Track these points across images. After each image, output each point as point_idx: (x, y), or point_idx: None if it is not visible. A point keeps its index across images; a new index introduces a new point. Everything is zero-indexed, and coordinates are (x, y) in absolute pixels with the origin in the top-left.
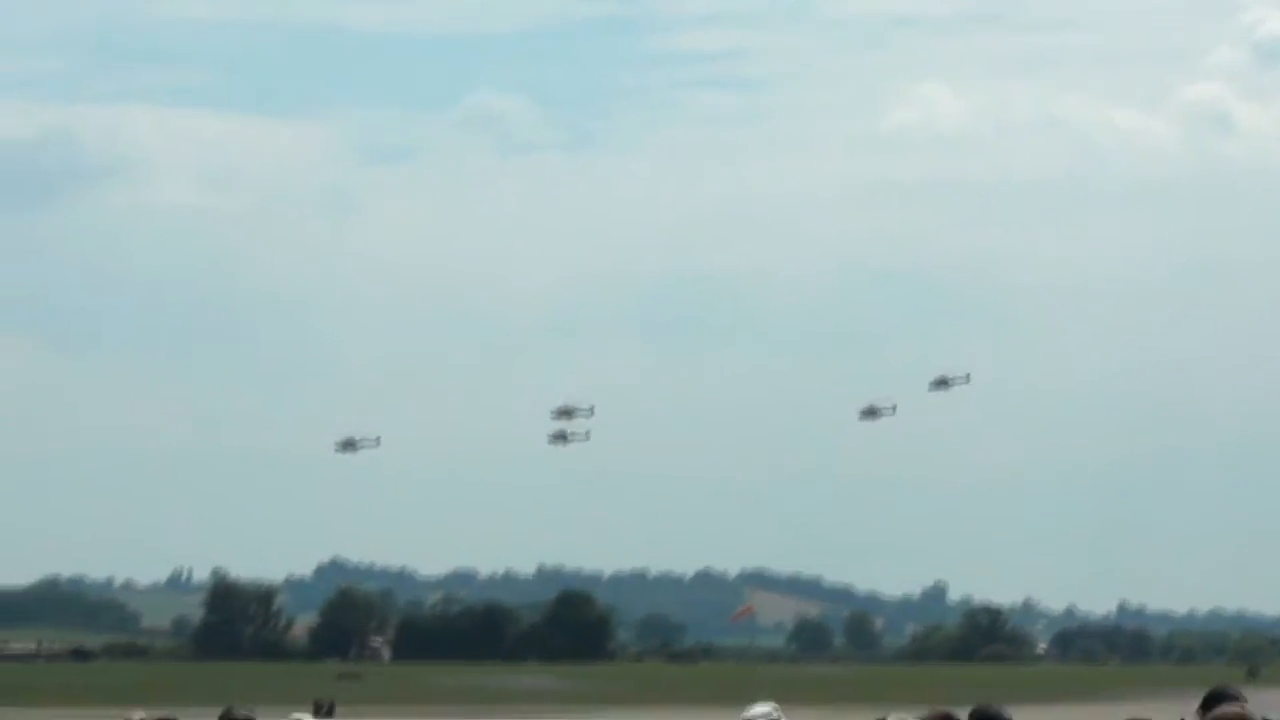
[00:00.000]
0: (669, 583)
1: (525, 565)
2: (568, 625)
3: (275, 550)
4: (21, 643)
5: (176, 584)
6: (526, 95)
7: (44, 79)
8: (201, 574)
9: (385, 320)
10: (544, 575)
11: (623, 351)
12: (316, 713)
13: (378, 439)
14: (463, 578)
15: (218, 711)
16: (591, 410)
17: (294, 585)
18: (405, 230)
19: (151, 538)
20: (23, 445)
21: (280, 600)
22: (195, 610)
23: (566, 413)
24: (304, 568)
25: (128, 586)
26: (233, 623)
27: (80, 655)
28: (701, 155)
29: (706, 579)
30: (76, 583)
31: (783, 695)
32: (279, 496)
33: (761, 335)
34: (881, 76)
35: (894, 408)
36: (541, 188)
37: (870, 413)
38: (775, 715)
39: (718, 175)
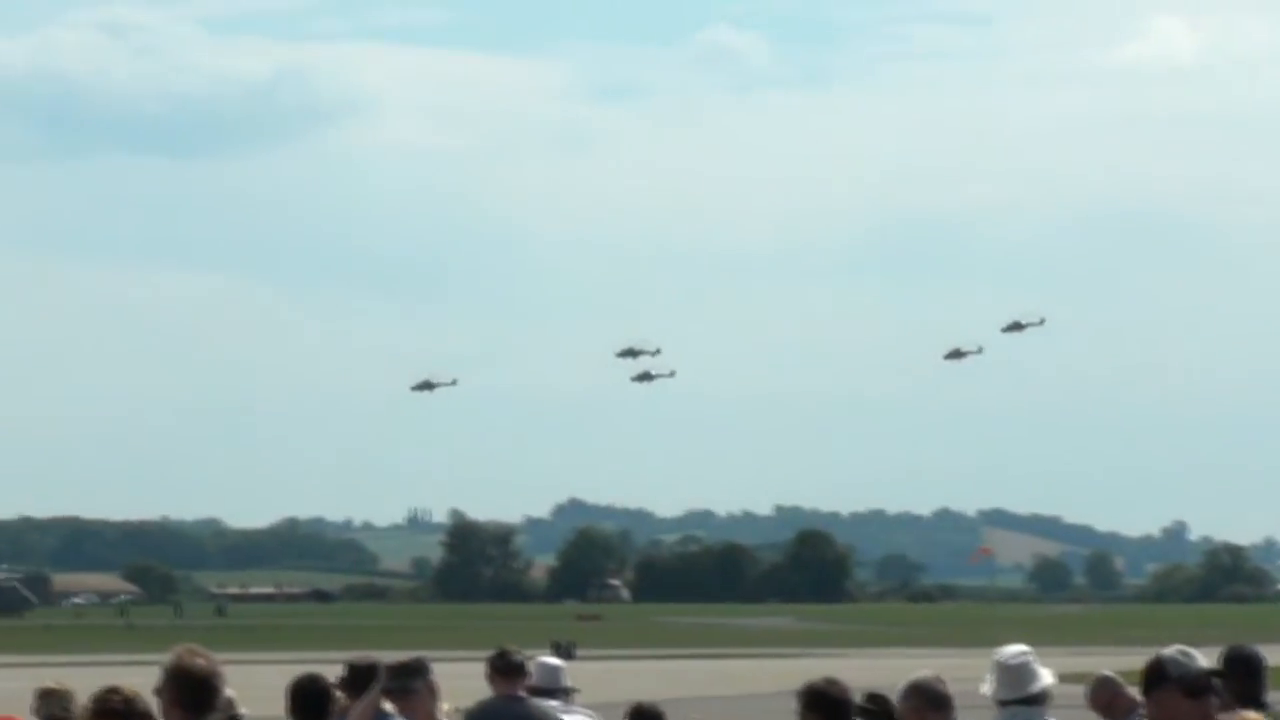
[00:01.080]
0: (908, 521)
1: (762, 505)
2: (806, 565)
3: (513, 491)
4: (261, 585)
5: (415, 524)
6: (760, 31)
7: (277, 18)
8: (440, 515)
9: (617, 259)
10: (782, 515)
11: (854, 289)
12: (555, 653)
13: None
14: (700, 517)
15: (458, 653)
16: (658, 350)
17: (532, 526)
18: (637, 169)
19: (389, 479)
20: (260, 390)
21: (519, 541)
22: (434, 551)
23: (631, 353)
24: (542, 508)
25: (366, 528)
26: (471, 564)
27: (320, 596)
28: (933, 90)
29: (945, 518)
30: (315, 524)
31: (1023, 635)
32: (516, 437)
33: (995, 274)
34: (1115, 9)
35: (980, 349)
36: (775, 125)
37: (955, 354)
38: (1030, 655)
39: (950, 110)
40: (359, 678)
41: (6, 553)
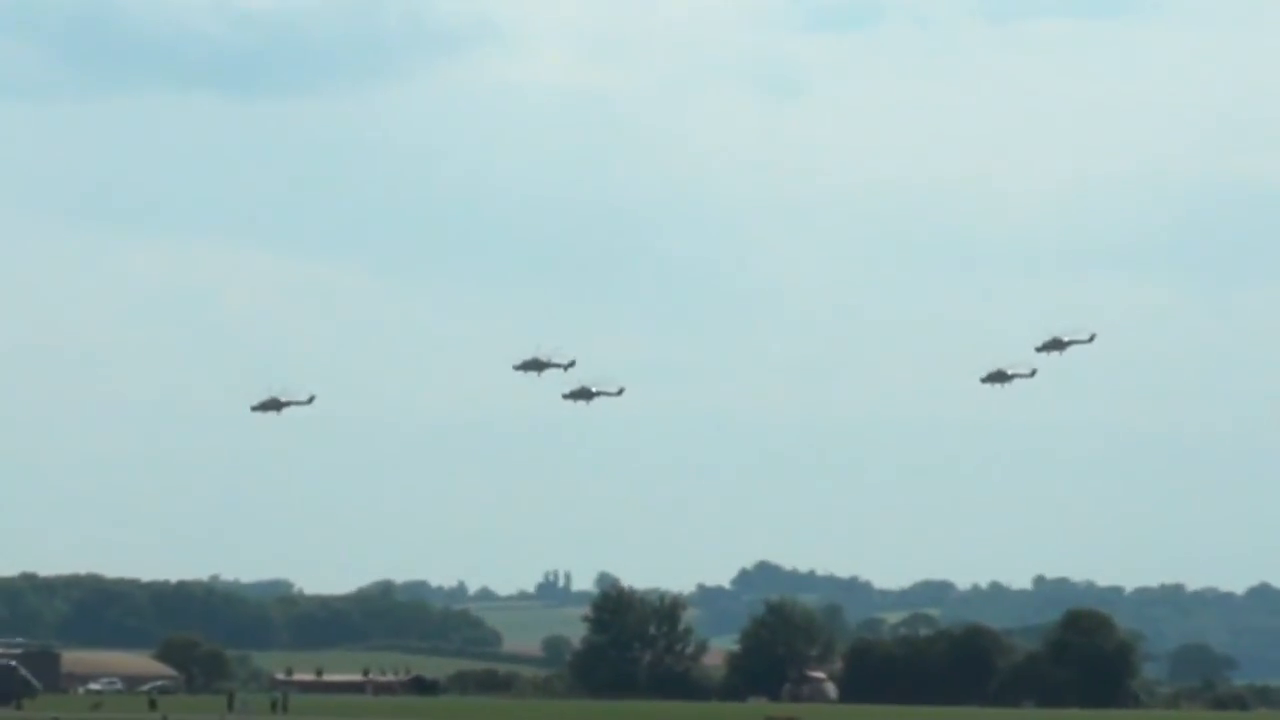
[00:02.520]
0: (1214, 601)
1: (1017, 576)
2: (1075, 656)
3: (682, 552)
4: (342, 670)
5: (550, 593)
6: None
7: None
8: (583, 581)
9: (835, 236)
10: (1043, 589)
11: (1134, 283)
12: None
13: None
14: (933, 590)
15: None
16: (571, 363)
17: (707, 597)
18: (860, 117)
19: (516, 533)
20: (341, 413)
21: (689, 616)
22: (574, 629)
23: (536, 365)
24: (721, 575)
25: (484, 596)
26: (624, 646)
27: (422, 687)
28: (1257, 25)
29: (1264, 597)
30: (416, 590)
31: None
32: (687, 480)
33: None
34: None
35: (1033, 371)
36: (1043, 64)
37: (998, 376)
38: None
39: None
40: None
41: (4, 621)
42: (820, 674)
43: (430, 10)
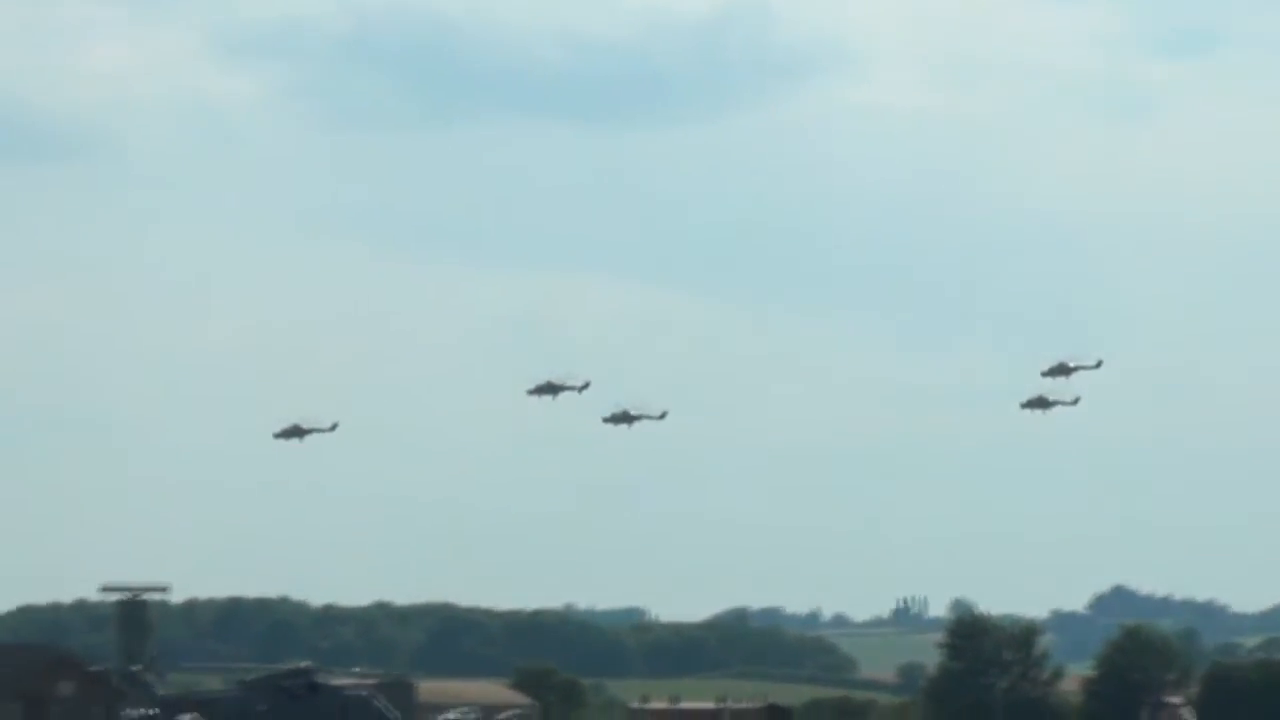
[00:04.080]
0: None
1: None
2: None
3: (1037, 576)
4: (698, 697)
5: (904, 620)
6: None
7: None
8: (938, 607)
9: (1187, 257)
10: None
11: None
12: None
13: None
14: None
15: None
16: (586, 385)
17: (1063, 622)
18: (1209, 141)
19: (870, 559)
20: (690, 442)
21: (1044, 642)
22: (929, 655)
23: (551, 388)
24: (1076, 600)
25: (839, 623)
26: (980, 673)
27: (776, 714)
28: None
29: None
30: (770, 617)
31: None
32: (1043, 502)
33: None
34: None
35: (1076, 400)
36: None
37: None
38: None
39: None
40: None
41: (360, 650)
42: (1177, 699)
43: (773, 36)
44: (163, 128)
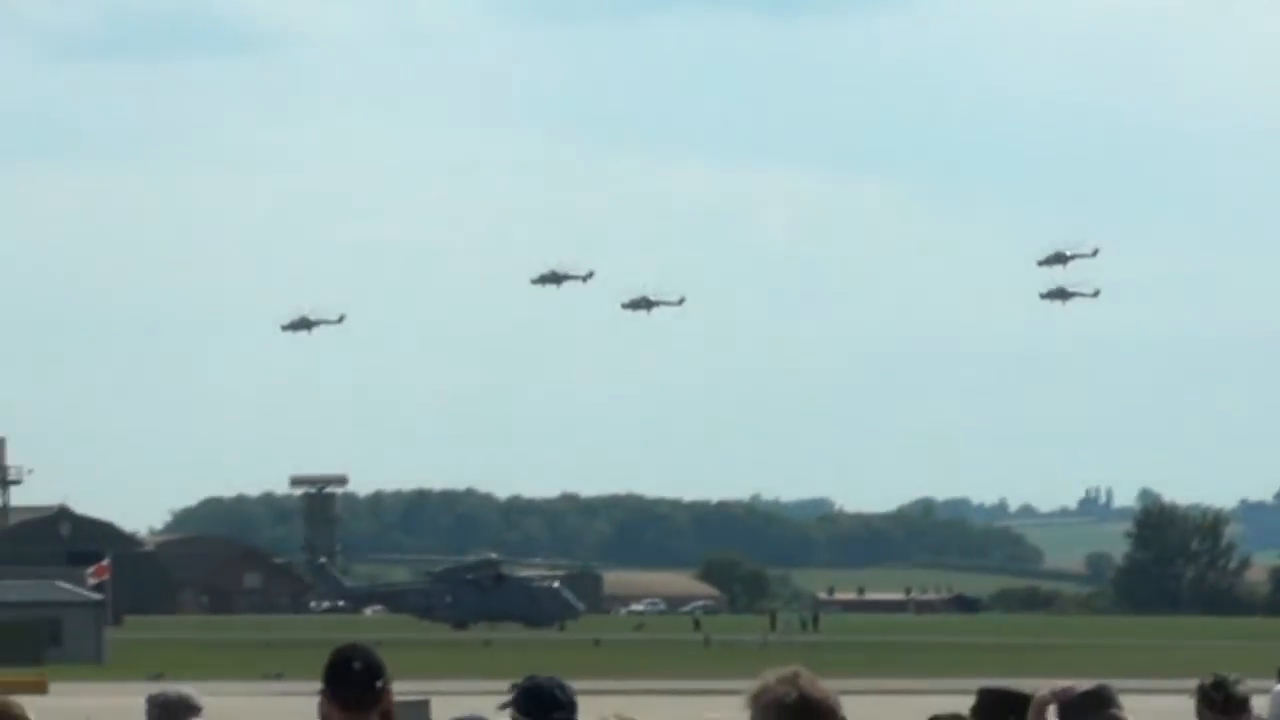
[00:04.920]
0: None
1: None
2: None
3: (1223, 466)
4: (884, 588)
5: (1091, 510)
6: None
7: None
8: (1125, 498)
9: None
10: None
11: None
12: None
13: None
14: None
15: (1148, 682)
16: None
17: (1250, 512)
18: None
19: (1057, 448)
20: (894, 328)
21: (1231, 532)
22: (1116, 545)
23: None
24: (1264, 489)
25: (1026, 513)
26: (1167, 563)
27: (963, 604)
28: None
29: None
30: (957, 507)
31: None
32: (1229, 398)
33: None
34: None
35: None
36: None
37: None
38: None
39: None
40: (991, 711)
41: (545, 542)
42: None
43: None
44: (348, 20)
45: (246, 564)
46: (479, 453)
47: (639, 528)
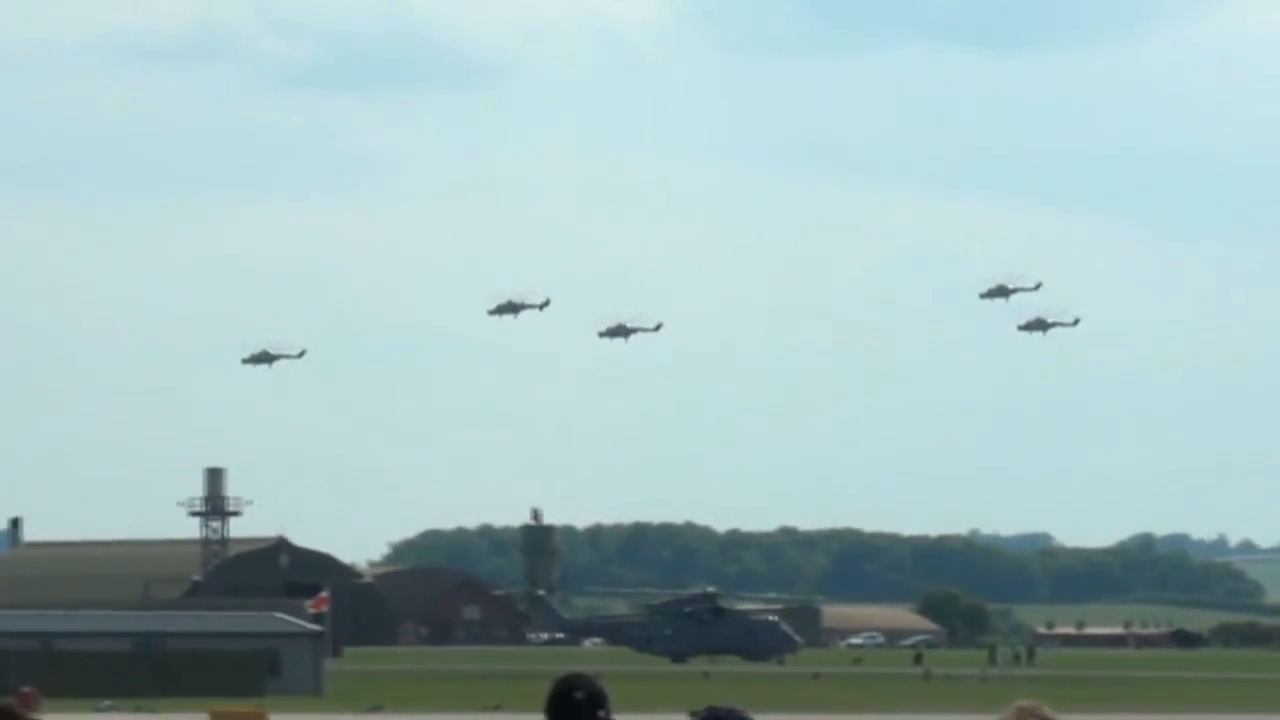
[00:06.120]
0: None
1: None
2: None
3: None
4: (1103, 622)
5: None
6: None
7: None
8: None
9: None
10: None
11: None
12: None
13: None
14: None
15: None
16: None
17: None
18: None
19: (1271, 481)
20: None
21: None
22: None
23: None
24: None
25: (1246, 548)
26: None
27: (1183, 640)
28: None
29: None
30: (1177, 542)
31: None
32: None
33: None
34: None
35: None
36: None
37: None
38: None
39: None
40: None
41: (765, 575)
42: None
43: None
44: (564, 51)
45: (465, 596)
46: (697, 486)
47: (857, 561)
